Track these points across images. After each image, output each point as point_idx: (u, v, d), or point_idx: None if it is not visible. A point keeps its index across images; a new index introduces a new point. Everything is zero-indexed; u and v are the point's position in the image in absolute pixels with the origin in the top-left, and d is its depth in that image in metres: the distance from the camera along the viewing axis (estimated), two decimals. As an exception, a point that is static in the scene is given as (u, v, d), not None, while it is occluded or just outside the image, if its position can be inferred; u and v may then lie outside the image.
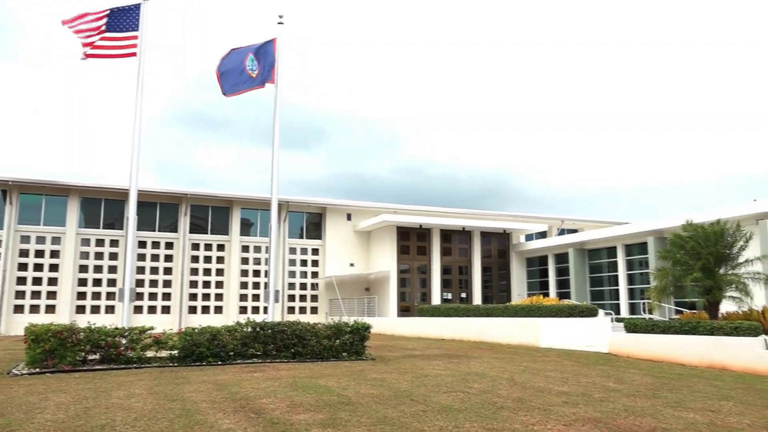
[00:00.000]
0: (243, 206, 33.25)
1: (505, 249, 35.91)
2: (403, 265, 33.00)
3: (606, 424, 7.31)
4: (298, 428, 6.91)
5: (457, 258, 34.39)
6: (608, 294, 30.69)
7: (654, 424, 7.37)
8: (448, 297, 33.73)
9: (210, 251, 32.43)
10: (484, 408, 8.21)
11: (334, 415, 7.61)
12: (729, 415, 8.07)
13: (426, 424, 7.15)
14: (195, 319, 29.51)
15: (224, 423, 7.23)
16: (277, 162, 17.51)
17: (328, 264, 34.06)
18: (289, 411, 7.90)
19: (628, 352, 16.35)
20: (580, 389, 10.09)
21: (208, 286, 32.08)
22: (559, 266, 33.73)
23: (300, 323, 14.64)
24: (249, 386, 9.98)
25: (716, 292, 15.97)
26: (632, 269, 29.40)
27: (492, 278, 35.35)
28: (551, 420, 7.50)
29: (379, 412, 7.87)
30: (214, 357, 13.41)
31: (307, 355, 14.23)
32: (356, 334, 14.87)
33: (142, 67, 16.18)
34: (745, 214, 22.75)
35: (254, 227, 33.71)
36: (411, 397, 9.05)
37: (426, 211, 35.67)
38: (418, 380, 10.87)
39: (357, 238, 35.14)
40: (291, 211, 33.85)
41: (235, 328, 14.06)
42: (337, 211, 35.01)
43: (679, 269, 16.64)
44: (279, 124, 17.67)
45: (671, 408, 8.49)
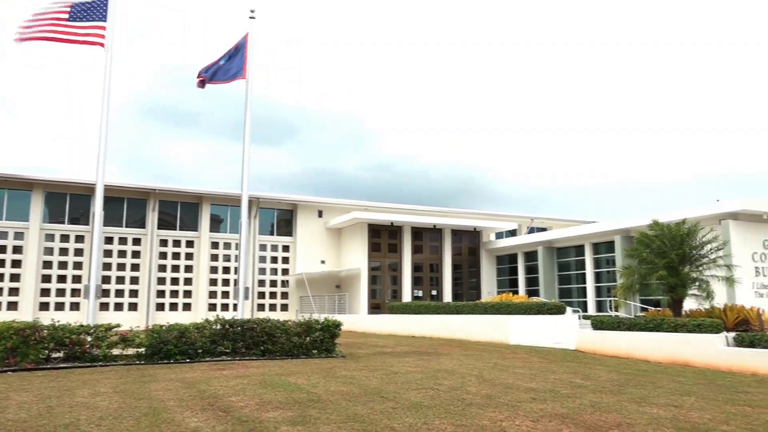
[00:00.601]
0: (213, 202, 32.88)
1: (475, 247, 36.18)
2: (374, 263, 33.01)
3: (572, 420, 7.42)
4: (267, 426, 6.87)
5: (428, 255, 34.53)
6: (576, 292, 31.16)
7: (619, 420, 7.50)
8: (419, 294, 33.86)
9: (179, 247, 32.00)
10: (453, 405, 8.26)
11: (303, 413, 7.58)
12: (691, 410, 8.26)
13: (395, 421, 7.17)
14: (163, 317, 29.08)
15: (192, 421, 7.14)
16: (247, 158, 17.36)
17: (299, 261, 33.89)
18: (258, 409, 7.84)
19: (595, 349, 16.62)
20: (547, 386, 10.23)
21: (176, 282, 31.66)
22: (529, 264, 34.11)
23: (270, 320, 14.54)
24: (218, 384, 9.89)
25: (680, 290, 16.31)
26: (599, 267, 29.88)
27: (462, 276, 35.59)
28: (519, 416, 7.59)
29: (349, 409, 7.87)
30: (182, 355, 13.24)
31: (276, 352, 14.15)
32: (327, 332, 14.83)
33: (110, 58, 15.86)
34: (709, 214, 23.30)
35: (224, 223, 33.36)
36: (381, 394, 9.06)
37: (397, 209, 35.74)
38: (388, 377, 10.89)
39: (328, 235, 35.04)
40: (262, 207, 33.59)
41: (204, 326, 13.91)
42: (308, 208, 34.85)
43: (645, 267, 16.95)
44: (250, 119, 17.51)
45: (636, 403, 8.66)
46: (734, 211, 23.03)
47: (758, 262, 23.31)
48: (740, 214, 23.25)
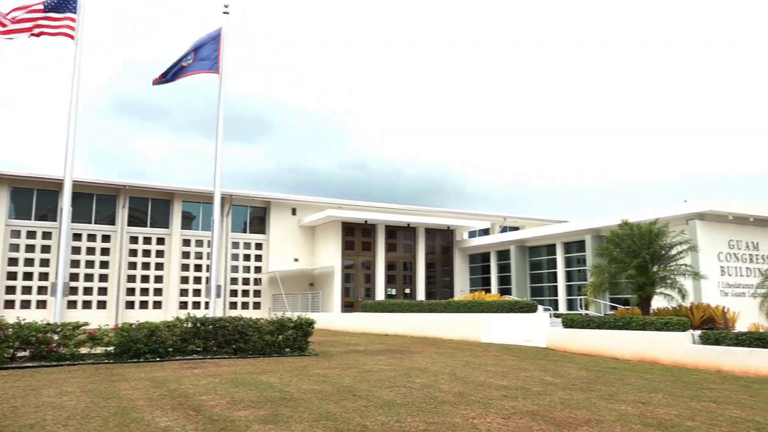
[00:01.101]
0: (184, 199, 32.48)
1: (448, 245, 36.36)
2: (347, 261, 32.96)
3: (543, 417, 7.51)
4: (239, 425, 6.81)
5: (402, 254, 34.60)
6: (547, 290, 31.52)
7: (588, 416, 7.61)
8: (393, 293, 33.92)
9: (149, 245, 31.55)
10: (425, 402, 8.29)
11: (275, 411, 7.54)
12: (658, 406, 8.42)
13: (368, 419, 7.17)
14: (132, 315, 28.66)
15: (162, 421, 7.05)
16: (220, 154, 17.18)
17: (272, 259, 33.69)
18: (230, 408, 7.78)
19: (566, 347, 16.84)
20: (519, 383, 10.33)
21: (147, 280, 31.21)
22: (501, 263, 34.40)
23: (242, 318, 14.44)
24: (188, 383, 9.78)
25: (649, 288, 16.61)
26: (570, 266, 30.28)
27: (436, 274, 35.74)
28: (491, 413, 7.65)
29: (322, 407, 7.85)
30: (152, 353, 13.07)
31: (249, 351, 14.05)
32: (299, 330, 14.77)
33: (80, 51, 15.57)
34: (677, 215, 23.76)
35: (196, 221, 32.98)
36: (353, 392, 9.05)
37: (371, 207, 35.73)
38: (361, 375, 10.89)
39: (302, 233, 34.89)
40: (234, 204, 33.30)
41: (175, 324, 13.74)
42: (281, 206, 34.65)
43: (615, 266, 17.23)
44: (223, 115, 17.34)
45: (605, 400, 8.79)
46: (701, 212, 23.53)
47: (723, 261, 23.85)
48: (707, 215, 23.76)
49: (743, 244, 24.53)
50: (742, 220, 24.54)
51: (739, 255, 24.32)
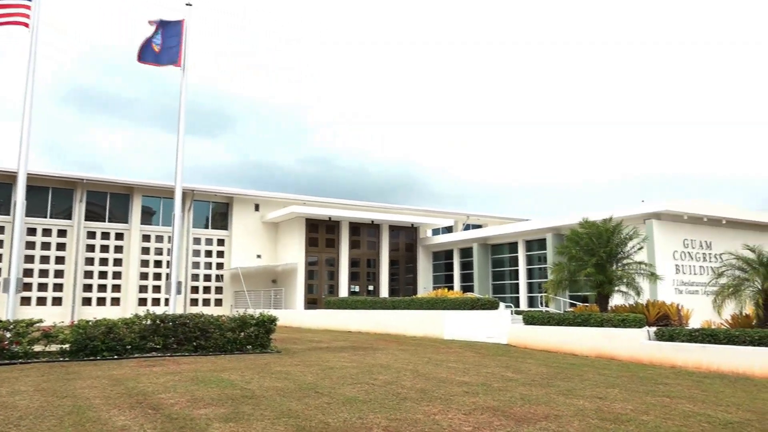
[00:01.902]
0: (144, 194, 31.84)
1: (412, 243, 36.52)
2: (311, 258, 32.82)
3: (503, 412, 7.61)
4: (199, 423, 6.73)
5: (366, 251, 34.62)
6: (509, 287, 31.94)
7: (547, 412, 7.75)
8: (356, 290, 33.92)
9: (107, 240, 30.83)
10: (388, 399, 8.32)
11: (236, 409, 7.47)
12: (615, 401, 8.62)
13: (330, 417, 7.16)
14: (89, 311, 27.96)
15: (119, 420, 6.91)
16: (182, 148, 16.91)
17: (235, 255, 33.30)
18: (190, 406, 7.67)
19: (526, 343, 17.09)
20: (480, 379, 10.45)
21: (104, 276, 30.50)
22: (464, 260, 34.71)
23: (203, 315, 14.25)
24: (147, 381, 9.61)
25: (607, 286, 16.97)
26: (532, 264, 30.73)
27: (399, 271, 35.87)
28: (452, 409, 7.72)
29: (283, 405, 7.80)
30: (109, 351, 12.80)
31: (210, 348, 13.87)
32: (262, 327, 14.65)
33: (35, 39, 15.11)
34: (635, 214, 24.34)
35: (156, 216, 32.37)
36: (316, 389, 9.03)
37: (335, 204, 35.63)
38: (324, 372, 10.86)
39: (265, 230, 34.58)
40: (196, 200, 32.79)
41: (134, 321, 13.48)
42: (244, 201, 34.28)
43: (575, 265, 17.55)
44: (185, 108, 17.06)
45: (563, 396, 8.96)
46: (657, 212, 24.16)
47: (678, 260, 24.54)
48: (663, 214, 24.41)
49: (697, 243, 25.28)
50: (696, 219, 25.29)
51: (693, 254, 25.06)
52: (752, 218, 26.83)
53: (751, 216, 26.86)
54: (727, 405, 8.66)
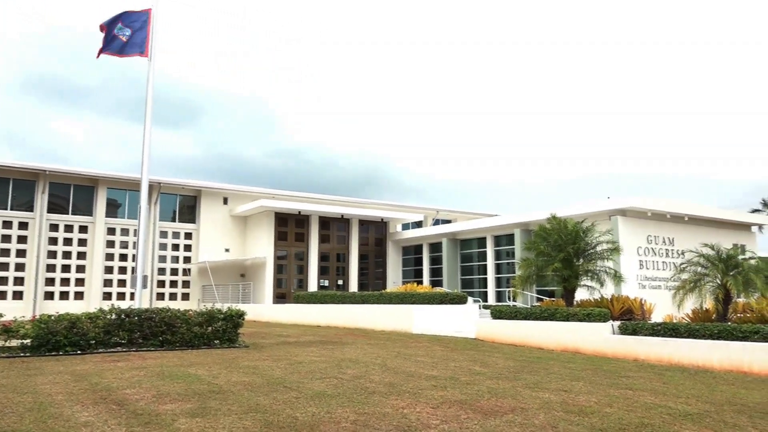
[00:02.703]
0: (110, 186, 31.22)
1: (382, 237, 36.56)
2: (280, 252, 32.63)
3: (471, 406, 7.69)
4: (165, 419, 6.64)
5: (335, 245, 34.54)
6: (478, 282, 32.22)
7: (514, 405, 7.85)
8: (325, 284, 33.84)
9: (71, 233, 30.16)
10: (356, 393, 8.33)
11: (203, 404, 7.39)
12: (579, 394, 8.78)
13: (298, 411, 7.14)
14: (52, 306, 27.36)
15: (82, 416, 6.78)
16: (148, 140, 16.62)
17: (202, 249, 32.90)
18: (155, 401, 7.56)
19: (494, 337, 17.27)
20: (448, 373, 10.53)
21: (68, 270, 29.86)
22: (433, 255, 34.90)
23: (170, 310, 14.06)
24: (111, 376, 9.44)
25: (573, 281, 17.23)
26: (500, 259, 31.05)
27: (369, 266, 35.88)
28: (420, 403, 7.77)
29: (251, 399, 7.75)
30: (72, 346, 12.54)
31: (176, 343, 13.70)
32: (229, 321, 14.52)
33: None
34: (601, 210, 24.77)
35: (122, 208, 31.78)
36: (284, 384, 8.99)
37: (305, 198, 35.47)
38: (292, 367, 10.82)
39: (233, 223, 34.24)
40: (163, 192, 32.28)
41: (98, 315, 13.23)
42: (212, 195, 33.86)
43: (542, 260, 17.78)
44: (152, 99, 16.76)
45: (529, 389, 9.09)
46: (623, 208, 24.62)
47: (642, 255, 25.06)
48: (628, 211, 24.88)
49: (660, 239, 25.85)
50: (660, 216, 25.85)
51: (657, 249, 25.62)
52: (713, 215, 27.56)
53: (711, 213, 27.59)
54: (687, 397, 8.89)
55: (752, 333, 12.30)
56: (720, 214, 27.99)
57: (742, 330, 12.48)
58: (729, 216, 28.50)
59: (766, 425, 7.25)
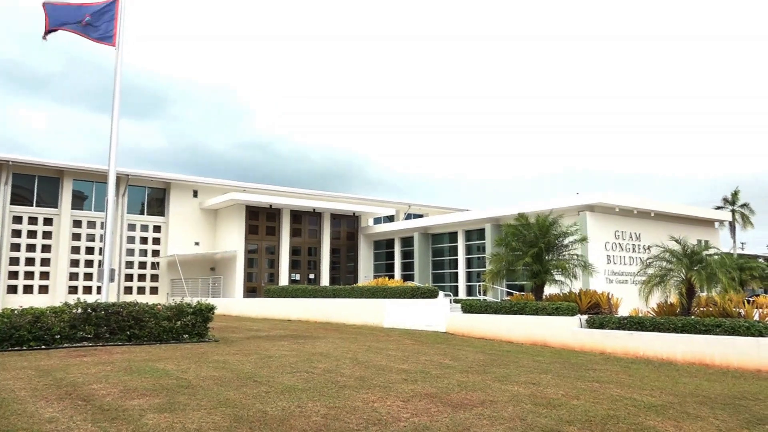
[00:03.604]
0: (76, 177, 30.55)
1: (354, 231, 36.53)
2: (251, 245, 32.36)
3: (441, 399, 7.75)
4: (132, 414, 6.55)
5: (307, 239, 34.40)
6: (449, 276, 32.41)
7: (483, 398, 7.93)
8: (297, 278, 33.69)
9: (35, 225, 29.46)
10: (327, 387, 8.33)
11: (171, 399, 7.31)
12: (547, 387, 8.91)
13: (269, 405, 7.11)
14: (15, 300, 26.73)
15: (47, 412, 6.65)
16: (116, 131, 16.31)
17: (171, 242, 32.45)
18: (122, 396, 7.45)
19: (464, 331, 17.42)
20: (418, 367, 10.58)
21: (32, 263, 29.16)
22: (405, 249, 34.99)
23: (138, 304, 13.85)
24: (77, 371, 9.27)
25: (543, 276, 17.46)
26: (471, 254, 31.27)
27: (340, 260, 35.83)
28: (391, 396, 7.80)
29: (221, 394, 7.69)
30: (36, 341, 12.27)
31: (144, 337, 13.51)
32: (199, 316, 14.37)
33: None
34: (570, 206, 25.10)
35: (89, 201, 31.14)
36: (254, 378, 8.94)
37: (276, 191, 35.22)
38: (262, 361, 10.76)
39: (203, 216, 33.84)
40: (131, 185, 31.73)
41: (63, 309, 12.97)
42: (182, 187, 33.39)
43: (513, 254, 17.97)
44: (120, 89, 16.45)
45: (499, 382, 9.19)
46: (591, 204, 24.99)
47: (610, 251, 25.49)
48: (596, 207, 25.27)
49: (627, 234, 26.32)
50: (627, 212, 26.31)
51: (624, 245, 26.08)
52: (678, 212, 28.16)
53: (677, 210, 28.18)
54: (651, 389, 9.09)
55: (714, 326, 12.63)
56: (685, 211, 28.61)
57: (704, 323, 12.81)
58: (693, 212, 29.16)
59: (727, 416, 7.45)
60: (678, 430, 6.66)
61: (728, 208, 51.84)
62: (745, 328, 12.17)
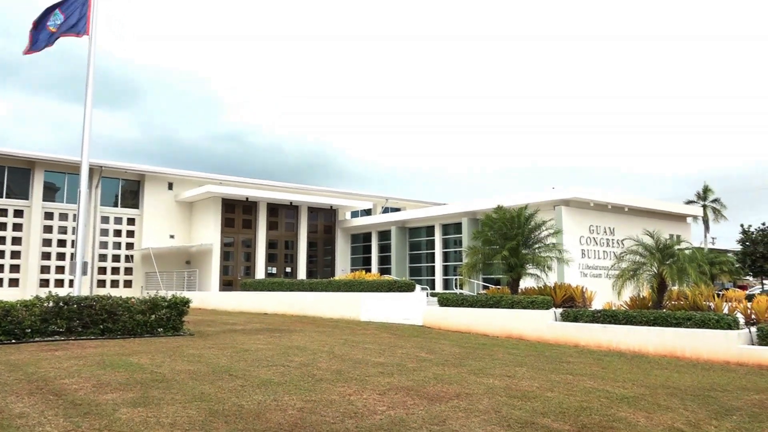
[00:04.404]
0: (47, 168, 29.97)
1: (331, 225, 36.44)
2: (227, 238, 32.11)
3: (417, 392, 7.78)
4: (105, 408, 6.47)
5: (284, 232, 34.24)
6: (425, 270, 32.53)
7: (459, 390, 7.99)
8: (273, 271, 33.53)
9: (5, 217, 28.85)
10: (303, 381, 8.31)
11: (146, 394, 7.23)
12: (522, 379, 9.00)
13: (244, 399, 7.07)
14: (-16, 293, 26.20)
15: (17, 407, 6.54)
16: (89, 121, 16.04)
17: (146, 235, 32.04)
18: (96, 391, 7.36)
19: (440, 325, 17.51)
20: (395, 360, 10.62)
21: (2, 256, 28.57)
22: (382, 243, 35.01)
23: (111, 297, 13.66)
24: (48, 366, 9.13)
25: (519, 269, 17.61)
26: (447, 247, 31.41)
27: (317, 253, 35.73)
28: (367, 390, 7.81)
29: (196, 388, 7.63)
30: (6, 335, 12.05)
31: (118, 331, 13.35)
32: (174, 309, 14.23)
33: None
34: (545, 200, 25.33)
35: (61, 192, 30.58)
36: (230, 372, 8.89)
37: (253, 184, 34.96)
38: (238, 355, 10.70)
39: (179, 209, 33.45)
40: (105, 177, 31.23)
41: (34, 303, 12.73)
42: (157, 179, 32.97)
43: (489, 248, 18.09)
44: (93, 79, 16.17)
45: (474, 375, 9.26)
46: (566, 198, 25.25)
47: (584, 245, 25.80)
48: (571, 201, 25.54)
49: (602, 229, 26.66)
50: (602, 207, 26.64)
51: (598, 239, 26.42)
52: (651, 206, 28.60)
53: (650, 204, 28.63)
54: (623, 381, 9.24)
55: (685, 320, 12.87)
56: (658, 206, 29.07)
57: (675, 317, 13.04)
58: (666, 207, 29.63)
59: (696, 407, 7.61)
60: (649, 421, 6.79)
61: (700, 204, 52.80)
62: (715, 321, 12.43)
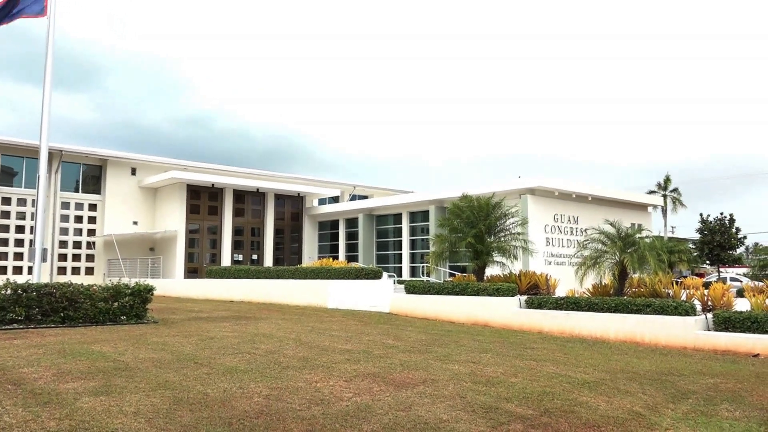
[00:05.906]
0: (5, 152, 29.06)
1: (298, 212, 36.25)
2: (192, 225, 31.67)
3: (383, 379, 7.84)
4: (66, 398, 6.35)
5: (250, 219, 33.93)
6: (393, 257, 32.64)
7: (425, 377, 8.06)
8: (239, 258, 33.24)
9: (-40, 202, 27.97)
10: (269, 368, 8.29)
11: (108, 382, 7.12)
12: (487, 365, 9.13)
13: (209, 387, 7.02)
14: (-62, 280, 25.36)
15: (-27, 397, 6.37)
16: (48, 104, 15.59)
17: (108, 221, 31.38)
18: (56, 380, 7.22)
19: (407, 312, 17.63)
20: (361, 347, 10.66)
21: (-44, 242, 27.73)
22: (349, 230, 34.98)
23: (72, 285, 13.37)
24: (6, 355, 8.91)
25: (484, 257, 17.80)
26: (415, 235, 31.55)
27: (284, 240, 35.54)
28: (334, 377, 7.83)
29: (160, 376, 7.54)
30: (-38, 323, 11.72)
31: (79, 319, 13.09)
32: (137, 297, 14.01)
33: None
34: (511, 189, 25.61)
35: (18, 177, 29.71)
36: (195, 360, 8.81)
37: (219, 170, 34.51)
38: (203, 343, 10.61)
39: (142, 195, 32.85)
40: (65, 161, 30.44)
41: (-9, 290, 12.40)
42: (119, 165, 32.27)
43: (455, 236, 18.23)
44: (52, 60, 15.71)
45: (440, 361, 9.36)
46: (532, 187, 25.57)
47: (549, 233, 26.21)
48: (537, 190, 25.88)
49: (566, 218, 27.10)
50: (566, 196, 27.06)
51: (562, 228, 26.86)
52: (614, 196, 29.19)
53: (613, 194, 29.21)
54: (585, 366, 9.45)
55: (645, 306, 13.21)
56: (620, 195, 29.68)
57: (636, 303, 13.37)
58: (628, 197, 30.27)
59: (654, 391, 7.83)
60: (609, 405, 6.96)
61: (660, 193, 54.08)
62: (673, 308, 12.78)
